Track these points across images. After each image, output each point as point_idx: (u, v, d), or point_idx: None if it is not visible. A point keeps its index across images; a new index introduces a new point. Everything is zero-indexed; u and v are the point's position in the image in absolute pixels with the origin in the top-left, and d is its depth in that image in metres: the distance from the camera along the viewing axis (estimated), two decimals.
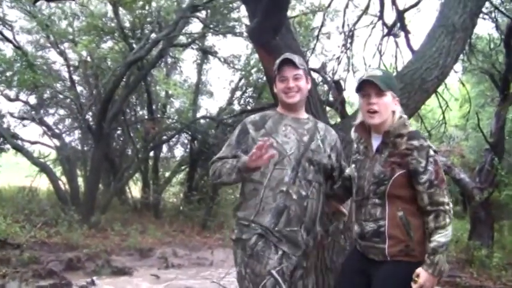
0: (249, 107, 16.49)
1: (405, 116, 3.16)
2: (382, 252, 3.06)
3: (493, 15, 10.20)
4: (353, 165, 3.28)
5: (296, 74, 3.39)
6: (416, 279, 2.92)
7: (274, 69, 3.47)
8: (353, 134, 3.34)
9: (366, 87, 3.09)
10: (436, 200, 2.96)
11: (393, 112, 3.11)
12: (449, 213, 2.96)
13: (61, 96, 16.97)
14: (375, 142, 3.16)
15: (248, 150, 3.25)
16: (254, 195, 3.28)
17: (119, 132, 18.45)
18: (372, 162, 3.12)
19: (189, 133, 17.87)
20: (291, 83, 3.37)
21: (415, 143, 2.98)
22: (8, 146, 16.62)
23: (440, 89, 6.94)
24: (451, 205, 2.99)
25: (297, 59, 3.42)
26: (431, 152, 3.00)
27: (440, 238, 2.93)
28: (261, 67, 16.67)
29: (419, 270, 2.92)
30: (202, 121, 17.61)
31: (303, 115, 3.51)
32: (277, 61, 3.46)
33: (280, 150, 3.26)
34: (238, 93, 17.97)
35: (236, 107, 17.75)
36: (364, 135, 3.22)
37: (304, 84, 3.44)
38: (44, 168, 15.68)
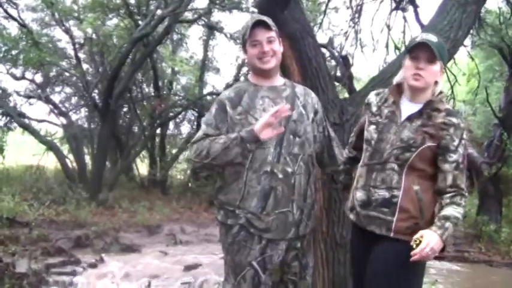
0: None
1: (445, 92, 3.06)
2: (388, 226, 2.87)
3: None
4: (372, 127, 3.03)
5: (269, 36, 3.09)
6: (419, 239, 2.70)
7: (244, 34, 3.13)
8: (374, 97, 3.14)
9: (418, 50, 2.88)
10: (458, 184, 2.83)
11: (436, 83, 2.95)
12: (465, 198, 2.85)
13: (67, 74, 16.94)
14: (406, 109, 2.96)
15: (229, 131, 3.05)
16: (236, 178, 3.04)
17: (125, 109, 18.44)
18: (400, 128, 2.92)
19: (196, 110, 17.81)
20: (265, 46, 3.07)
21: (454, 120, 2.85)
22: (15, 124, 16.62)
23: (448, 64, 6.86)
24: (467, 194, 2.87)
25: (267, 19, 3.12)
26: (465, 135, 2.91)
27: (453, 211, 2.80)
28: None
29: (424, 232, 2.74)
30: (208, 98, 17.52)
31: (279, 81, 3.23)
32: (247, 24, 3.14)
33: None
34: (244, 69, 17.84)
35: (238, 82, 17.62)
36: (396, 98, 3.02)
37: (278, 47, 3.14)
38: (51, 147, 15.69)
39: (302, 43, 4.70)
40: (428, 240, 2.70)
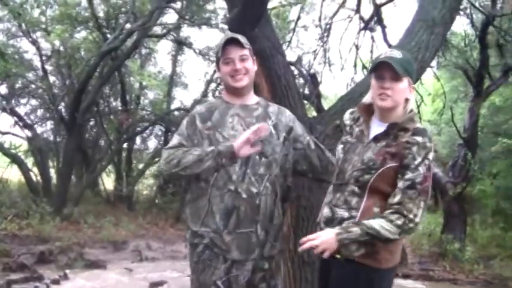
0: None
1: (415, 111, 2.95)
2: None
3: (468, 11, 10.23)
4: (340, 146, 2.98)
5: (242, 54, 3.07)
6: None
7: (217, 51, 3.14)
8: (348, 116, 3.09)
9: (382, 69, 2.80)
10: (407, 206, 2.67)
11: (406, 100, 2.85)
12: (407, 224, 2.66)
13: (33, 86, 16.71)
14: (375, 129, 2.89)
15: (197, 144, 3.06)
16: (201, 194, 3.03)
17: (91, 123, 18.23)
18: (365, 148, 2.84)
19: (163, 125, 17.74)
20: (238, 64, 3.05)
21: (419, 139, 2.72)
22: None
23: (415, 84, 6.93)
24: (416, 222, 2.68)
25: (241, 38, 3.11)
26: (430, 156, 2.75)
27: (374, 222, 2.67)
28: None
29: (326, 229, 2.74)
30: (176, 113, 17.48)
31: (252, 100, 3.20)
32: (220, 41, 3.14)
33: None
34: (213, 85, 17.86)
35: (211, 99, 17.63)
36: (365, 117, 2.96)
37: (251, 66, 3.12)
38: (15, 160, 15.45)
39: (272, 61, 4.72)
40: (321, 234, 2.72)
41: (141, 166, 19.35)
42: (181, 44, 17.78)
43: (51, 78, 16.86)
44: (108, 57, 14.91)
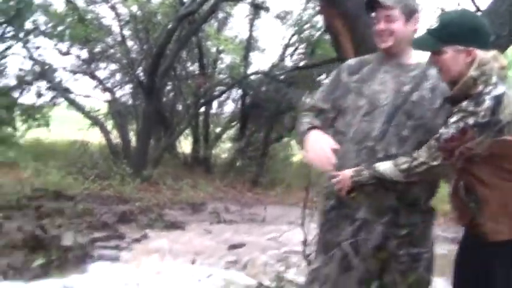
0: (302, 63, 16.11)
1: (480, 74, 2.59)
2: None
3: None
4: None
5: (388, 14, 2.87)
6: None
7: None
8: None
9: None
10: (420, 152, 2.64)
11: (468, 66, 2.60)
12: (413, 167, 2.62)
13: (112, 50, 16.93)
14: None
15: (341, 97, 2.96)
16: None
17: (168, 87, 18.36)
18: None
19: (240, 89, 17.65)
20: (382, 24, 2.89)
21: (465, 103, 2.55)
22: (60, 99, 16.74)
23: None
24: (424, 165, 2.60)
25: None
26: (470, 121, 2.49)
27: (381, 165, 2.70)
28: (314, 23, 16.41)
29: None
30: (253, 77, 17.34)
31: (409, 60, 2.97)
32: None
33: (371, 100, 2.85)
34: (290, 50, 17.62)
35: (288, 63, 17.44)
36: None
37: (399, 27, 2.88)
38: (96, 122, 15.79)
39: (357, 21, 4.47)
40: (342, 173, 2.78)
41: (218, 130, 19.43)
42: (257, 8, 17.55)
43: (129, 43, 17.08)
44: (186, 22, 14.88)
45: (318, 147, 2.87)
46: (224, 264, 8.03)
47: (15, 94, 18.33)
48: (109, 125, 16.98)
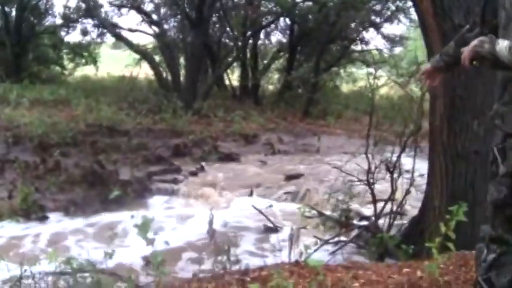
0: None
1: None
2: None
3: None
4: None
5: None
6: None
7: None
8: None
9: None
10: None
11: None
12: None
13: None
14: None
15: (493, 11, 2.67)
16: None
17: (214, 19, 18.01)
18: None
19: (288, 18, 17.19)
20: None
21: None
22: (107, 37, 16.70)
23: None
24: None
25: None
26: None
27: (500, 46, 2.37)
28: None
29: None
30: (301, 5, 16.84)
31: None
32: None
33: (508, 13, 2.52)
34: None
35: None
36: None
37: None
38: (145, 56, 15.71)
39: None
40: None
41: (265, 61, 19.15)
42: None
43: None
44: None
45: None
46: (282, 196, 7.97)
47: (62, 33, 18.43)
48: (157, 59, 16.88)
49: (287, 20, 17.74)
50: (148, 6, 17.73)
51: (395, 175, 5.49)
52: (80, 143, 9.80)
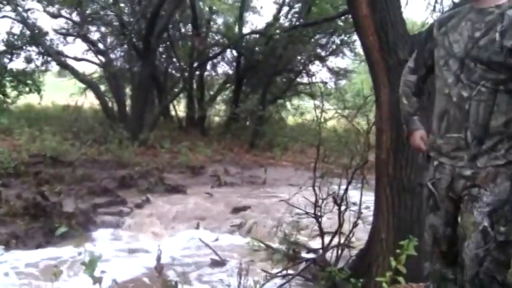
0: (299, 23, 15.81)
1: None
2: None
3: None
4: None
5: None
6: None
7: None
8: None
9: None
10: None
11: None
12: None
13: (102, 13, 16.53)
14: None
15: (432, 49, 2.91)
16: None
17: (160, 49, 18.04)
18: None
19: (235, 50, 17.37)
20: None
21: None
22: (51, 65, 16.45)
23: None
24: None
25: None
26: None
27: None
28: None
29: None
30: (248, 38, 17.06)
31: (491, 3, 2.79)
32: None
33: (448, 51, 2.80)
34: (285, 9, 17.30)
35: (283, 22, 17.13)
36: None
37: None
38: (90, 85, 15.56)
39: None
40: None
41: (212, 92, 19.26)
42: None
43: (121, 5, 16.67)
44: None
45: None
46: (229, 228, 7.97)
47: (5, 59, 18.05)
48: (102, 88, 16.77)
49: (234, 51, 17.94)
50: (95, 35, 17.67)
51: (342, 208, 5.58)
52: (22, 174, 9.56)
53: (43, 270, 6.03)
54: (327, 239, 5.56)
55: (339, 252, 5.46)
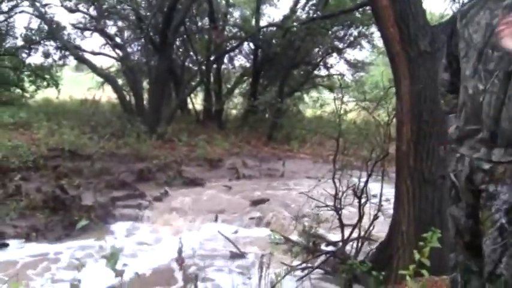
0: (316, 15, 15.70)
1: None
2: None
3: None
4: None
5: None
6: None
7: None
8: None
9: None
10: None
11: None
12: None
13: (118, 7, 16.56)
14: None
15: (457, 43, 2.81)
16: None
17: (177, 43, 18.02)
18: None
19: (253, 43, 17.31)
20: None
21: None
22: (69, 59, 16.52)
23: None
24: None
25: None
26: None
27: None
28: None
29: None
30: (265, 30, 16.98)
31: None
32: None
33: (467, 42, 2.72)
34: (302, 1, 17.19)
35: (300, 14, 17.02)
36: None
37: None
38: (108, 79, 15.55)
39: None
40: None
41: (229, 86, 19.23)
42: None
43: None
44: None
45: None
46: (248, 221, 7.95)
47: (23, 54, 18.17)
48: (120, 82, 16.79)
49: (251, 44, 17.89)
50: (112, 29, 17.72)
51: (362, 200, 5.52)
52: (41, 167, 9.60)
53: (63, 263, 6.05)
54: (346, 231, 5.50)
55: (359, 245, 5.42)
